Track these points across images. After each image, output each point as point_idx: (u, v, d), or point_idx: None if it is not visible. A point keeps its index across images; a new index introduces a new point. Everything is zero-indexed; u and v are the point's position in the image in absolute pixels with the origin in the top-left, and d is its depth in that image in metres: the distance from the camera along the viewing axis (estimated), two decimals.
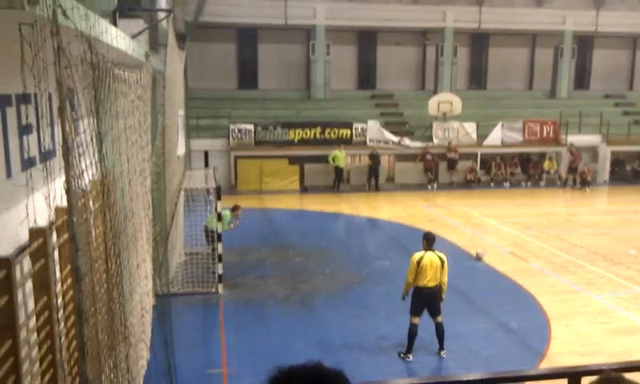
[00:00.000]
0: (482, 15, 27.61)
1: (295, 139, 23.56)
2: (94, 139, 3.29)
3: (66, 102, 2.67)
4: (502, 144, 25.02)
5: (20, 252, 3.91)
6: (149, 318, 7.39)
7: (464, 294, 11.08)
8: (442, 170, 24.37)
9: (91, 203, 3.96)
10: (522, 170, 25.60)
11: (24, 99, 4.05)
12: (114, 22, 9.47)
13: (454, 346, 8.81)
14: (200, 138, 23.00)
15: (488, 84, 30.70)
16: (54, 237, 4.34)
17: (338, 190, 22.98)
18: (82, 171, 2.90)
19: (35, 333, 4.04)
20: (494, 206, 20.31)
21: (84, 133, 3.08)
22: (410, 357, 8.53)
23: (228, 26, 26.27)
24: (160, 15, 13.49)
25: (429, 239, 8.56)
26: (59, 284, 4.47)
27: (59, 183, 2.86)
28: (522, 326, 9.76)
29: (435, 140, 24.49)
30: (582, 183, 23.92)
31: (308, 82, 28.04)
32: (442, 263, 8.43)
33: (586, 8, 28.62)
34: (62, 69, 2.59)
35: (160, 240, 8.57)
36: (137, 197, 5.99)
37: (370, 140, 23.76)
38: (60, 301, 4.48)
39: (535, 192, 23.67)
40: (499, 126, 24.91)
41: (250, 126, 23.27)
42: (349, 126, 23.92)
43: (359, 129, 23.91)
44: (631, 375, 2.48)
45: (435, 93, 27.21)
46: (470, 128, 24.84)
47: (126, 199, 4.95)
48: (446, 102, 24.88)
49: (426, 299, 8.50)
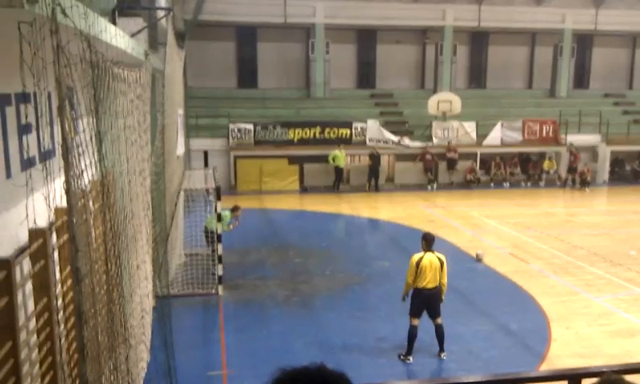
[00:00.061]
0: (481, 14, 27.61)
1: (295, 139, 23.54)
2: (93, 139, 3.26)
3: (66, 101, 2.65)
4: (502, 143, 25.01)
5: (20, 253, 3.88)
6: (149, 319, 7.36)
7: (464, 296, 11.06)
8: (442, 170, 24.35)
9: (91, 204, 3.93)
10: (522, 170, 25.59)
11: (23, 98, 4.02)
12: (113, 21, 9.44)
13: (454, 348, 8.79)
14: (199, 137, 22.97)
15: (487, 83, 30.70)
16: (53, 238, 4.31)
17: (337, 190, 22.97)
18: (82, 171, 2.88)
19: (35, 334, 4.01)
20: (493, 207, 20.29)
21: (83, 132, 3.05)
22: (410, 358, 8.50)
23: (227, 24, 26.24)
24: (159, 14, 13.47)
25: (428, 240, 8.53)
26: (59, 285, 4.45)
27: (59, 183, 2.83)
28: (522, 328, 9.74)
29: (435, 140, 24.48)
30: (582, 183, 23.92)
31: (307, 80, 28.02)
32: (441, 264, 8.40)
33: (585, 6, 28.61)
34: (61, 67, 2.56)
35: (160, 241, 8.54)
36: (136, 197, 5.96)
37: (370, 139, 23.75)
38: (60, 302, 4.45)
39: (535, 192, 23.66)
40: (499, 126, 24.90)
41: (250, 126, 23.24)
42: (348, 125, 23.91)
43: (359, 128, 23.90)
44: (631, 377, 2.46)
45: (435, 92, 27.20)
46: (470, 127, 24.83)
47: (125, 199, 4.92)
48: (445, 101, 24.86)
49: (425, 300, 8.47)
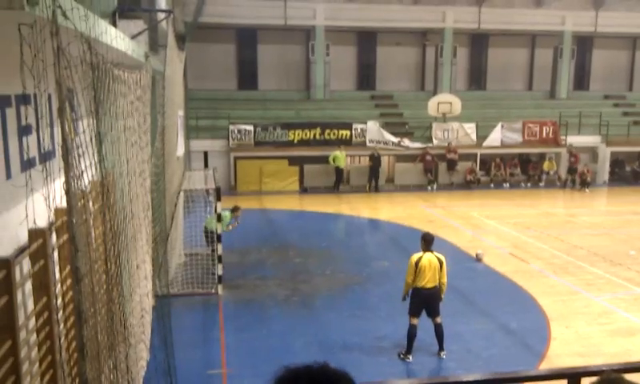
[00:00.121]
0: (481, 16, 27.62)
1: (295, 140, 23.55)
2: (93, 140, 3.28)
3: (66, 103, 2.67)
4: (502, 145, 25.01)
5: (20, 253, 3.91)
6: (148, 318, 7.38)
7: (464, 295, 11.08)
8: (442, 171, 24.36)
9: (91, 204, 3.95)
10: (522, 171, 25.60)
11: (23, 100, 4.04)
12: (113, 23, 9.46)
13: (453, 347, 8.81)
14: (199, 138, 23.01)
15: (487, 85, 30.71)
16: (53, 238, 4.34)
17: (337, 191, 22.98)
18: (82, 172, 2.90)
19: (35, 333, 4.03)
20: (493, 207, 20.30)
21: (83, 133, 3.07)
22: (410, 358, 8.53)
23: (228, 26, 26.27)
24: (160, 16, 13.49)
25: (427, 240, 8.57)
26: (59, 285, 4.47)
27: (59, 184, 2.86)
28: (521, 327, 9.76)
29: (435, 141, 24.49)
30: (582, 184, 23.92)
31: (308, 82, 28.04)
32: (440, 264, 8.43)
33: (585, 8, 28.63)
34: (61, 69, 2.59)
35: (160, 241, 8.57)
36: (136, 198, 5.99)
37: (370, 141, 23.77)
38: (60, 302, 4.47)
39: (535, 193, 23.66)
40: (499, 127, 24.91)
41: (250, 127, 23.26)
42: (348, 126, 23.92)
43: (359, 129, 23.91)
44: (631, 376, 2.48)
45: (435, 93, 27.21)
46: (470, 129, 24.84)
47: (125, 200, 4.95)
48: (445, 102, 24.89)
49: (424, 300, 8.50)
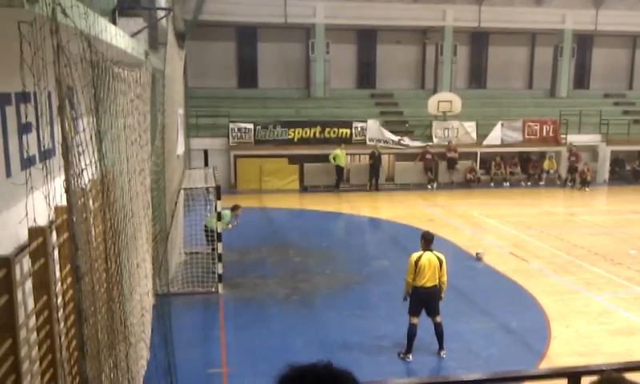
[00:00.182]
0: (481, 14, 27.60)
1: (295, 138, 23.53)
2: (93, 138, 3.27)
3: (66, 101, 2.66)
4: (502, 143, 25.01)
5: (20, 251, 3.90)
6: (149, 317, 7.37)
7: (464, 294, 11.08)
8: (442, 170, 24.35)
9: (91, 202, 3.94)
10: (522, 170, 25.59)
11: (23, 98, 4.03)
12: (113, 21, 9.45)
13: (453, 346, 8.80)
14: (199, 136, 23.00)
15: (488, 83, 30.71)
16: (53, 236, 4.33)
17: (338, 189, 22.97)
18: (82, 170, 2.88)
19: (35, 332, 4.02)
20: (493, 206, 20.30)
21: (83, 131, 3.06)
22: (410, 357, 8.52)
23: (228, 24, 26.25)
24: (159, 14, 13.48)
25: (427, 239, 8.56)
26: (59, 283, 4.46)
27: (59, 182, 2.85)
28: (522, 326, 9.75)
29: (435, 139, 24.49)
30: (582, 183, 23.92)
31: (308, 80, 28.03)
32: (440, 263, 8.41)
33: (585, 7, 28.61)
34: (61, 67, 2.58)
35: (160, 239, 8.56)
36: (136, 196, 5.98)
37: (370, 139, 23.75)
38: (60, 300, 4.47)
39: (535, 192, 23.66)
40: (499, 126, 24.90)
41: (250, 125, 23.24)
42: (348, 125, 23.91)
43: (359, 128, 23.90)
44: (631, 375, 2.47)
45: (435, 92, 27.21)
46: (470, 127, 24.84)
47: (125, 198, 4.93)
48: (445, 101, 24.88)
49: (423, 299, 8.49)
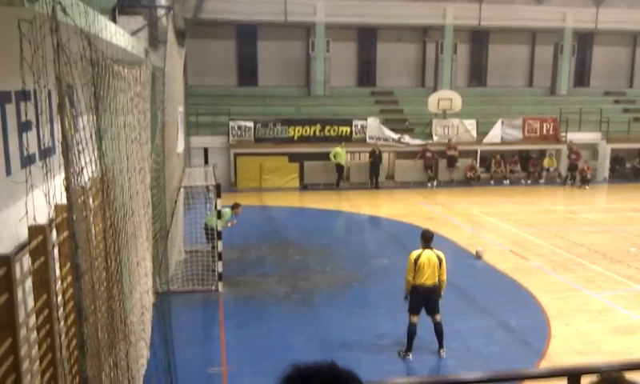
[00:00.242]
0: (481, 12, 27.58)
1: (295, 136, 23.52)
2: (93, 136, 3.27)
3: (66, 99, 2.65)
4: (502, 141, 25.00)
5: (20, 250, 3.90)
6: (149, 316, 7.37)
7: (464, 293, 11.08)
8: (442, 168, 24.34)
9: (91, 200, 3.93)
10: (522, 168, 25.56)
11: (23, 96, 4.03)
12: (113, 19, 9.44)
13: (453, 345, 8.80)
14: (199, 134, 22.99)
15: (488, 81, 30.70)
16: (53, 234, 4.32)
17: (337, 187, 22.97)
18: (82, 168, 2.88)
19: (35, 331, 4.02)
20: (493, 204, 20.29)
21: (83, 130, 3.06)
22: (410, 356, 8.52)
23: (228, 22, 26.23)
24: (160, 12, 13.47)
25: (426, 237, 8.55)
26: (59, 282, 4.45)
27: (59, 180, 2.84)
28: (521, 325, 9.75)
29: (435, 137, 24.48)
30: (582, 181, 23.91)
31: (308, 78, 28.01)
32: (439, 261, 8.40)
33: (585, 5, 28.58)
34: (61, 65, 2.57)
35: (160, 238, 8.56)
36: (136, 194, 5.97)
37: (370, 137, 23.74)
38: (60, 299, 4.46)
39: (535, 190, 23.65)
40: (499, 124, 24.88)
41: (250, 123, 23.23)
42: (348, 123, 23.89)
43: (359, 126, 23.88)
44: (631, 374, 2.47)
45: (435, 90, 27.20)
46: (470, 125, 24.82)
47: (125, 197, 4.93)
48: (445, 99, 24.87)
49: (422, 297, 8.47)
